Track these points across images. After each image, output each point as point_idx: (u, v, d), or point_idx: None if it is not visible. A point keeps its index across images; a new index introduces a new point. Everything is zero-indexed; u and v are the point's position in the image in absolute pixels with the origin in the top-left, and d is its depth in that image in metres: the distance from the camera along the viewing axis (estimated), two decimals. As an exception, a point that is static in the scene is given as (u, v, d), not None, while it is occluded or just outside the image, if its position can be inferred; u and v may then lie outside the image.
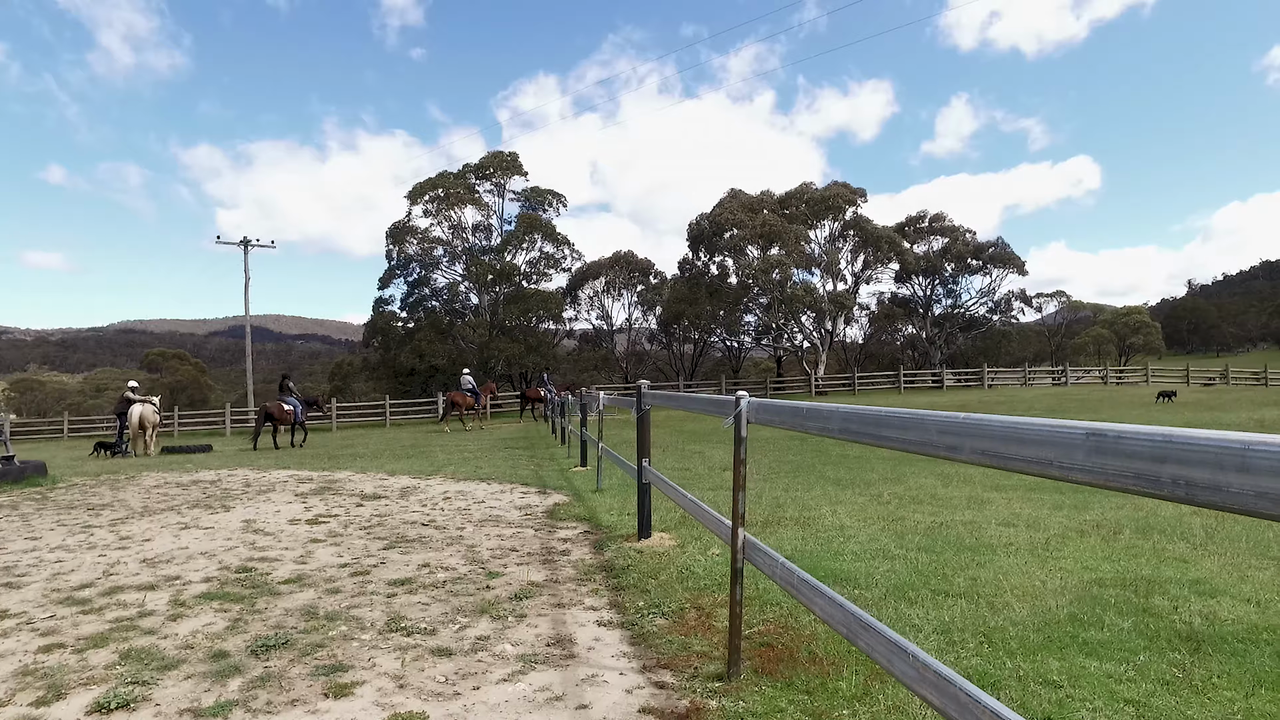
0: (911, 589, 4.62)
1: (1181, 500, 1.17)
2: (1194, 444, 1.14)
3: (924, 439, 1.88)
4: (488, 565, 5.87)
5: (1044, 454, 1.45)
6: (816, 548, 5.85)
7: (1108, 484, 1.31)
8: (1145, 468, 1.22)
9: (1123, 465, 1.27)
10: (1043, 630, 3.82)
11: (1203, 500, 1.13)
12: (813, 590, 2.75)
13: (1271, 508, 1.02)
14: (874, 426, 2.17)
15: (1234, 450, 1.07)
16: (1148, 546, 5.69)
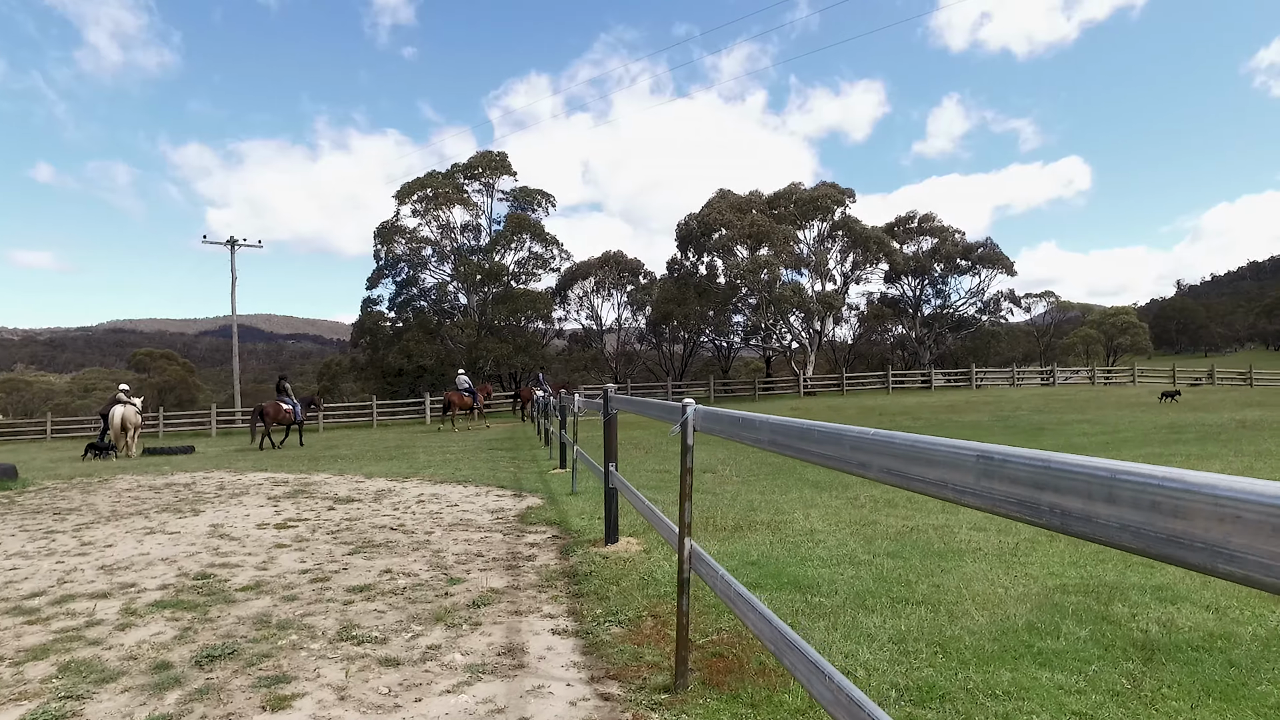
0: (872, 596, 4.57)
1: (1059, 530, 1.11)
2: (1068, 471, 1.08)
3: (839, 455, 1.82)
4: (451, 571, 5.79)
5: (941, 475, 1.39)
6: (783, 553, 5.79)
7: (994, 509, 1.25)
8: (1026, 494, 1.16)
9: (1007, 491, 1.21)
10: (999, 639, 3.77)
11: (1076, 530, 1.07)
12: (746, 604, 2.69)
13: (1132, 541, 0.96)
14: (798, 439, 2.11)
15: (1101, 479, 1.01)
16: (1115, 552, 5.65)
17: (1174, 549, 0.90)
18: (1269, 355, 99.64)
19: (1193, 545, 0.87)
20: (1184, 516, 0.88)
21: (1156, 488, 0.93)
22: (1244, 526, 0.81)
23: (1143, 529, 0.94)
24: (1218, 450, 12.41)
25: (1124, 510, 0.97)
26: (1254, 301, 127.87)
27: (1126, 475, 0.97)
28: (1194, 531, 0.87)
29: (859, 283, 48.14)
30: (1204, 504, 0.86)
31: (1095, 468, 1.03)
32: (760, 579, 5.06)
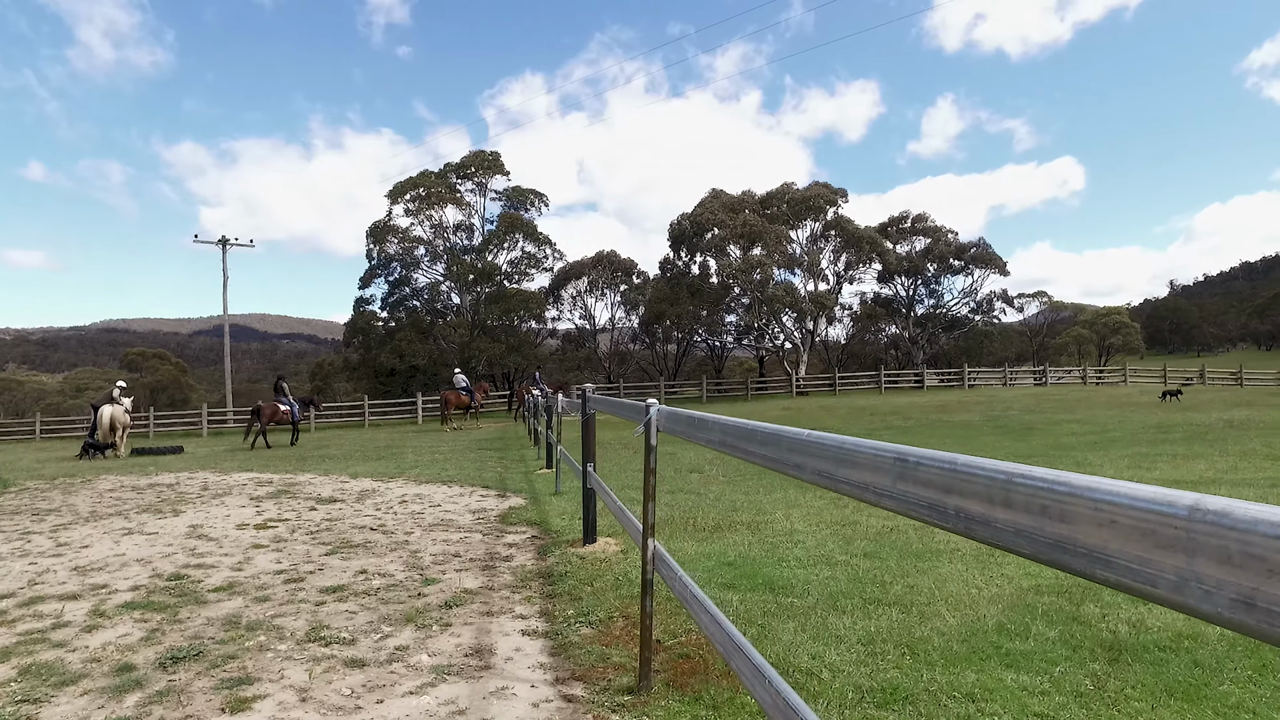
0: (846, 597, 4.55)
1: (964, 534, 1.09)
2: (970, 474, 1.06)
3: (778, 456, 1.80)
4: (427, 571, 5.76)
5: (864, 478, 1.37)
6: (761, 553, 5.77)
7: (909, 512, 1.23)
8: (936, 498, 1.14)
9: (920, 494, 1.19)
10: (968, 640, 3.76)
11: (979, 535, 1.05)
12: (700, 606, 2.67)
13: (1026, 546, 0.94)
14: (743, 440, 2.09)
15: (999, 482, 0.99)
16: (1093, 551, 5.65)
17: (1059, 554, 0.88)
18: (1261, 355, 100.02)
19: (1076, 550, 0.85)
20: (1068, 521, 0.86)
21: (1046, 491, 0.91)
22: (1119, 531, 0.79)
23: (1034, 534, 0.92)
24: (1203, 450, 12.44)
25: (1018, 515, 0.95)
26: (1246, 302, 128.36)
27: (1021, 479, 0.95)
28: (1077, 536, 0.85)
29: (852, 283, 48.27)
30: (1085, 508, 0.84)
31: (994, 471, 1.01)
32: (735, 579, 5.04)
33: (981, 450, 13.83)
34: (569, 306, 48.80)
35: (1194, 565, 0.70)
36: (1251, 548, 0.66)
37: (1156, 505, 0.75)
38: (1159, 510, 0.74)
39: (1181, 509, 0.72)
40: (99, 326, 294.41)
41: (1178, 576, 0.72)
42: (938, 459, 1.14)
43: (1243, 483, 8.99)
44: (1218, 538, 0.68)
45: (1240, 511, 0.68)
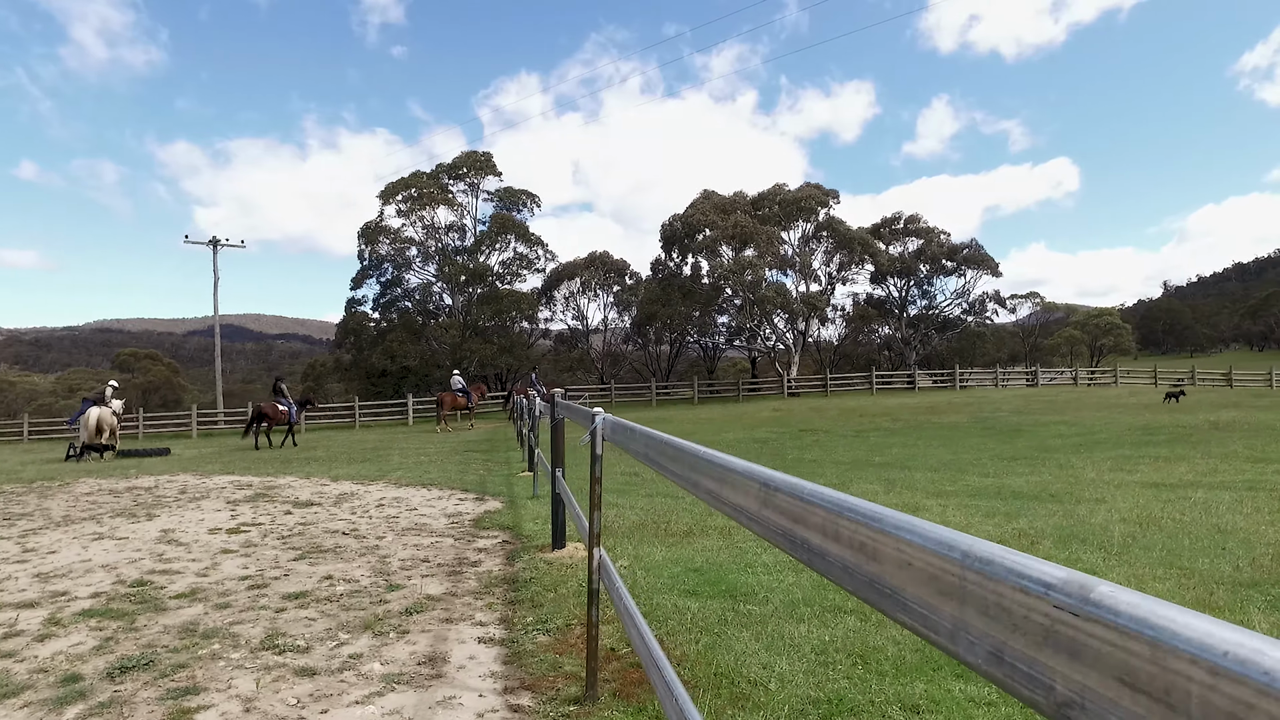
0: (807, 604, 4.53)
1: (809, 566, 1.06)
2: (811, 503, 1.03)
3: (682, 473, 1.77)
4: (393, 577, 5.73)
5: (738, 500, 1.35)
6: (729, 559, 5.75)
7: (770, 539, 1.20)
8: (788, 527, 1.11)
9: (777, 521, 1.16)
10: (922, 650, 3.74)
11: (818, 567, 1.02)
12: (630, 620, 2.64)
13: (850, 582, 0.91)
14: (657, 454, 2.06)
15: (831, 514, 0.96)
16: (1061, 557, 5.64)
17: (872, 593, 0.85)
18: (1252, 356, 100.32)
19: (883, 590, 0.82)
20: (878, 560, 0.83)
21: (864, 526, 0.88)
22: (914, 574, 0.76)
23: (855, 570, 0.89)
24: (1186, 452, 12.45)
25: (844, 549, 0.92)
26: (1239, 302, 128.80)
27: (848, 512, 0.92)
28: (884, 575, 0.82)
29: (845, 283, 48.26)
30: (890, 547, 0.81)
31: (828, 501, 0.98)
32: (699, 586, 5.02)
33: (968, 452, 13.84)
34: (562, 307, 48.76)
35: (964, 613, 0.68)
36: (1004, 599, 0.63)
37: (941, 549, 0.72)
38: (941, 554, 0.72)
39: (957, 554, 0.70)
40: (92, 326, 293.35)
41: (952, 624, 0.70)
42: (791, 486, 1.12)
43: (1221, 485, 9.00)
44: (981, 587, 0.66)
45: (1001, 560, 0.65)
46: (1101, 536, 6.31)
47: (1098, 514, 7.43)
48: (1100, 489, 9.00)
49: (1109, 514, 7.39)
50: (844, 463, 13.10)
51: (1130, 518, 7.15)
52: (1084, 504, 8.03)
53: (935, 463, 12.48)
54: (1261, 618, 4.13)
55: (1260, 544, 5.88)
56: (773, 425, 22.13)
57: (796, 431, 19.99)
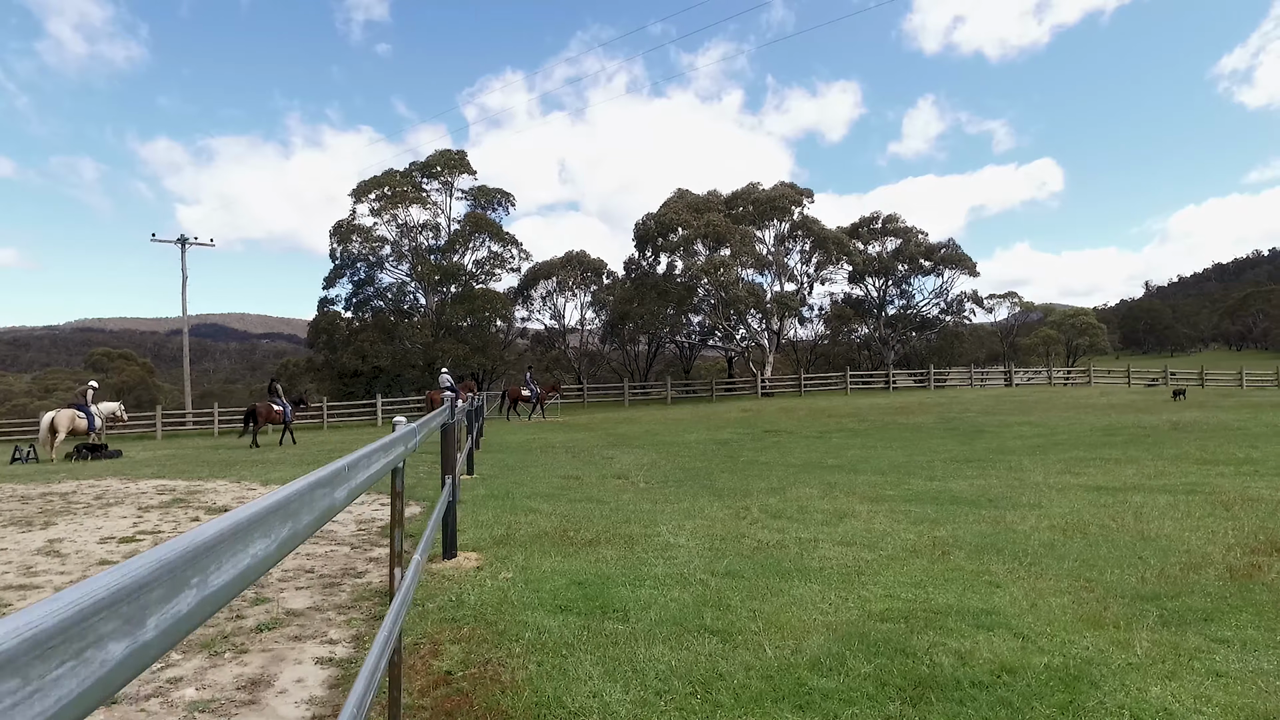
0: (675, 623, 4.24)
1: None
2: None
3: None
4: (265, 590, 5.39)
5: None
6: (620, 571, 5.45)
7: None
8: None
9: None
10: (772, 677, 3.45)
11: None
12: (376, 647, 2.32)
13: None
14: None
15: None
16: (971, 569, 5.38)
17: None
18: (1231, 355, 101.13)
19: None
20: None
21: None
22: None
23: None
24: (1139, 454, 12.28)
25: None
26: (1218, 302, 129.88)
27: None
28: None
29: (823, 283, 48.11)
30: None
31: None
32: (575, 601, 4.72)
33: (923, 454, 13.62)
34: (539, 306, 48.42)
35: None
36: None
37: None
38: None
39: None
40: (73, 326, 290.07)
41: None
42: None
43: (1162, 489, 8.80)
44: None
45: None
46: (1021, 545, 6.06)
47: (1028, 520, 7.19)
48: (1041, 493, 8.78)
49: (1039, 520, 7.16)
50: (795, 465, 12.85)
51: (1059, 524, 6.92)
52: (1018, 509, 7.80)
53: (887, 465, 12.26)
54: (1146, 634, 3.87)
55: (1177, 552, 5.64)
56: (739, 426, 21.88)
57: (760, 432, 19.75)
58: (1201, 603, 4.43)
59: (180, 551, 0.85)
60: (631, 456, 14.74)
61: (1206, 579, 4.91)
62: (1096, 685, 3.28)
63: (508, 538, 6.68)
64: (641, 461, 13.78)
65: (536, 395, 28.43)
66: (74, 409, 20.41)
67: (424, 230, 43.80)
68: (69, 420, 19.99)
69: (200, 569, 0.89)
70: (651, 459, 14.20)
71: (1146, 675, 3.37)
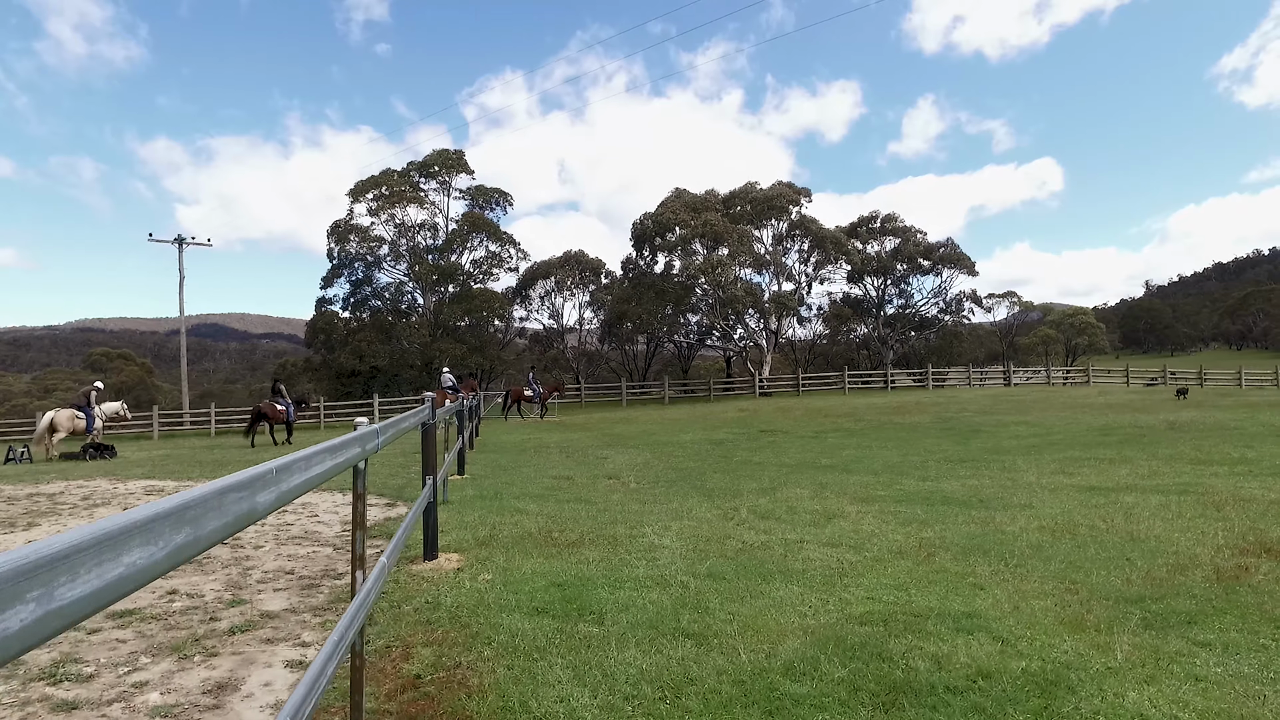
0: (651, 626, 4.18)
1: None
2: None
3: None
4: (243, 591, 5.34)
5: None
6: (601, 573, 5.39)
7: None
8: None
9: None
10: (744, 682, 3.39)
11: None
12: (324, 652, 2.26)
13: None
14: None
15: None
16: (956, 570, 5.32)
17: None
18: (1231, 354, 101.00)
19: None
20: None
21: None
22: None
23: None
24: (1134, 454, 12.21)
25: None
26: (1218, 302, 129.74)
27: None
28: None
29: (822, 283, 48.00)
30: None
31: None
32: (553, 603, 4.66)
33: (918, 454, 13.56)
34: (537, 306, 48.35)
35: None
36: None
37: None
38: None
39: None
40: (73, 326, 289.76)
41: None
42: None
43: (1155, 489, 8.74)
44: None
45: None
46: (1009, 547, 6.00)
47: (1018, 521, 7.13)
48: (1033, 494, 8.72)
49: (1029, 521, 7.10)
50: (789, 465, 12.79)
51: (1049, 525, 6.85)
52: (1009, 510, 7.74)
53: (880, 465, 12.20)
54: (1128, 638, 3.81)
55: (1165, 553, 5.58)
56: (735, 426, 21.81)
57: (756, 432, 19.68)
58: (1186, 605, 4.37)
59: (16, 563, 0.79)
60: (625, 456, 14.68)
61: (1193, 581, 4.86)
62: (1073, 690, 3.22)
63: (491, 539, 6.62)
64: (635, 461, 13.72)
65: (539, 395, 28.52)
66: (74, 409, 20.49)
67: (422, 230, 43.77)
68: (68, 420, 20.06)
69: (44, 582, 0.83)
70: (645, 459, 14.14)
71: (1124, 680, 3.31)
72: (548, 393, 29.20)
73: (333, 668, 2.34)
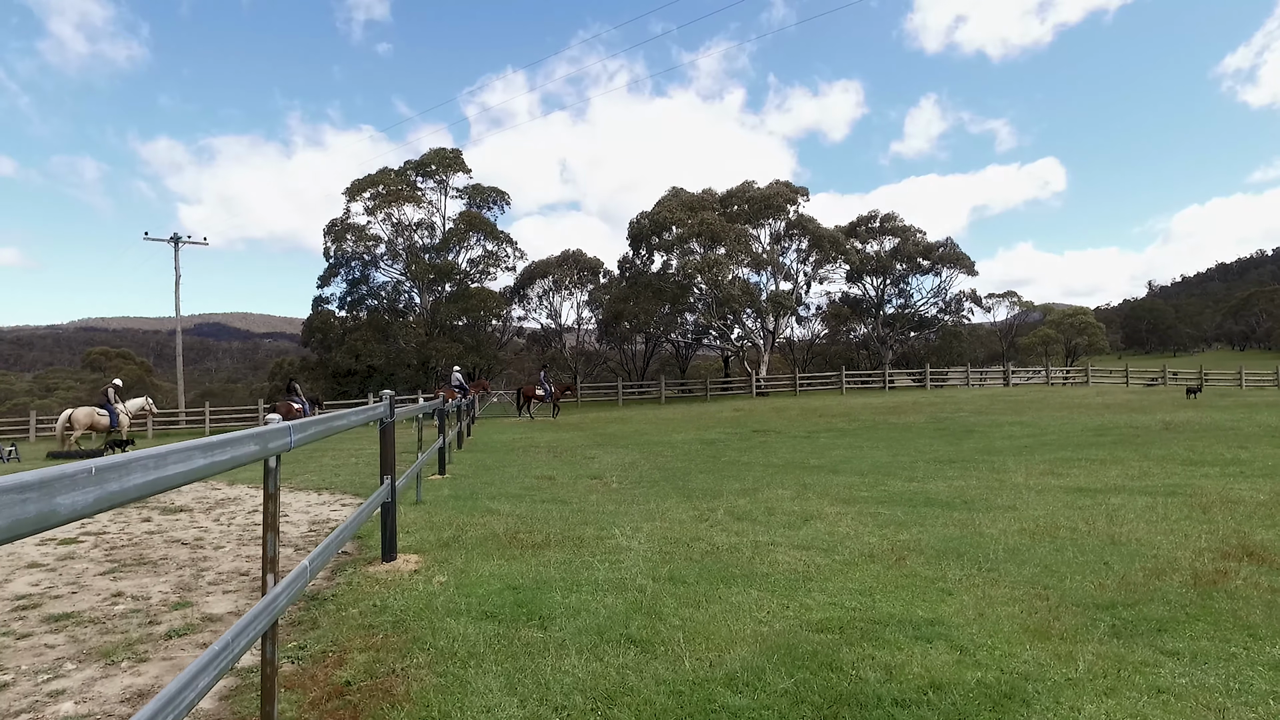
0: (601, 632, 4.01)
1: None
2: None
3: None
4: (191, 594, 5.18)
5: None
6: (560, 575, 5.22)
7: None
8: None
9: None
10: (682, 693, 3.22)
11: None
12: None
13: None
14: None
15: None
16: (927, 575, 5.14)
17: None
18: (1234, 355, 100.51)
19: None
20: None
21: None
22: None
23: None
24: (1126, 455, 12.03)
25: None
26: (1221, 302, 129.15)
27: None
28: None
29: (821, 282, 47.76)
30: None
31: None
32: (504, 608, 4.49)
33: (908, 455, 13.39)
34: (536, 306, 48.19)
35: None
36: None
37: None
38: None
39: None
40: (76, 325, 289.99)
41: None
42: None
43: (1143, 490, 8.56)
44: None
45: None
46: (986, 550, 5.82)
47: (999, 523, 6.96)
48: (1019, 495, 8.55)
49: (1010, 523, 6.93)
50: (776, 465, 12.62)
51: (1030, 528, 6.68)
52: (992, 512, 7.57)
53: (868, 466, 12.03)
54: (1093, 647, 3.63)
55: (1144, 557, 5.40)
56: (728, 426, 21.64)
57: (749, 432, 19.51)
58: (1159, 611, 4.19)
59: None
60: (613, 456, 14.52)
61: (1169, 586, 4.68)
62: (1028, 703, 3.05)
63: (455, 540, 6.46)
64: (622, 461, 13.56)
65: (550, 394, 28.71)
66: (95, 406, 20.78)
67: (419, 229, 43.62)
68: (87, 417, 20.35)
69: None
70: (633, 459, 13.98)
71: (1083, 692, 3.14)
72: (559, 392, 29.43)
73: (206, 680, 2.17)
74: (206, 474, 2.20)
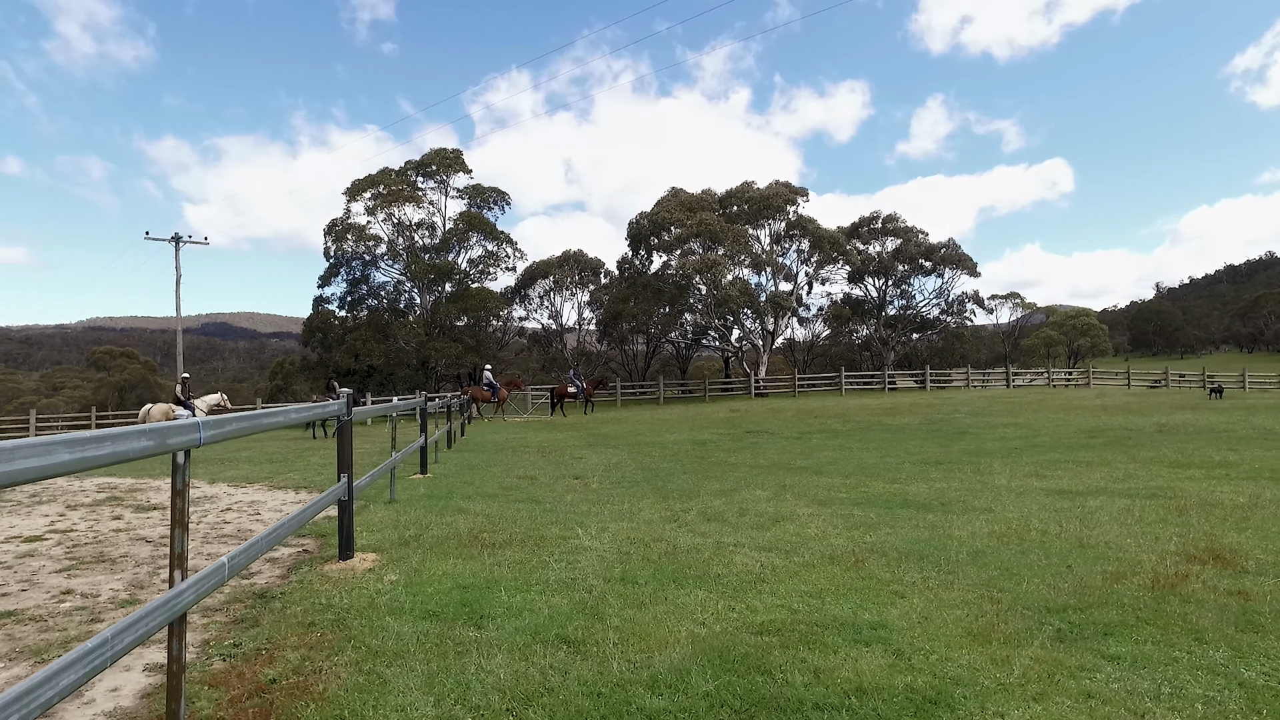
0: (535, 632, 3.95)
1: None
2: None
3: None
4: (142, 591, 5.16)
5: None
6: (513, 575, 5.17)
7: None
8: None
9: None
10: (602, 695, 3.16)
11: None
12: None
13: None
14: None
15: None
16: (883, 577, 5.07)
17: None
18: (1242, 357, 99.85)
19: None
20: None
21: None
22: None
23: None
24: (1113, 457, 11.93)
25: None
26: (1229, 304, 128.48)
27: None
28: None
29: (822, 283, 47.60)
30: None
31: None
32: (446, 608, 4.44)
33: (896, 456, 13.30)
34: (536, 306, 48.18)
35: None
36: None
37: None
38: None
39: None
40: (83, 324, 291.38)
41: None
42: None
43: (1123, 492, 8.47)
44: None
45: None
46: (949, 553, 5.75)
47: (971, 525, 6.88)
48: (998, 497, 8.47)
49: (982, 525, 6.85)
50: (762, 466, 12.56)
51: (1001, 530, 6.60)
52: (967, 514, 7.49)
53: (854, 467, 11.95)
54: (1032, 651, 3.56)
55: (1108, 559, 5.32)
56: (722, 426, 21.56)
57: (742, 433, 19.43)
58: (1110, 615, 4.11)
59: None
60: (601, 457, 14.47)
61: (1126, 589, 4.60)
62: (952, 708, 2.99)
63: (416, 539, 6.41)
64: (609, 461, 13.51)
65: (582, 390, 29.21)
66: (171, 404, 21.01)
67: (419, 229, 43.65)
68: (161, 414, 20.54)
69: None
70: (620, 459, 13.93)
71: (1011, 698, 3.07)
72: (590, 389, 30.05)
73: (70, 679, 2.12)
74: (78, 468, 2.15)
